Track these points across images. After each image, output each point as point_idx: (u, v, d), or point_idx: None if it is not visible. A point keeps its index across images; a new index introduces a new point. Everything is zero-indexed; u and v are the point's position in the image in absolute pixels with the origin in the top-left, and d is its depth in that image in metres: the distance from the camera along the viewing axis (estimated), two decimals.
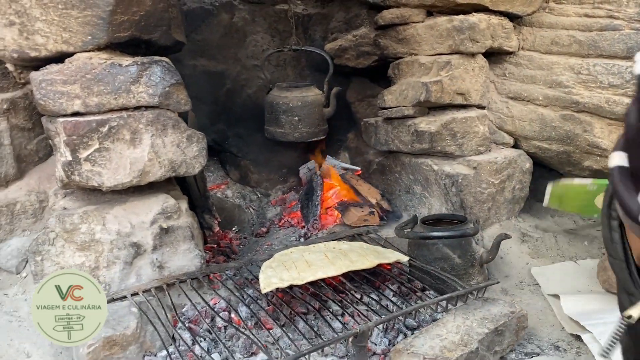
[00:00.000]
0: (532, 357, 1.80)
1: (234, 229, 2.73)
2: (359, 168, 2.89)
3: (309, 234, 2.59)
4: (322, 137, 2.79)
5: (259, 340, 1.69)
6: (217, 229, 2.53)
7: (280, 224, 2.84)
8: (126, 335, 1.68)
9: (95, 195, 2.05)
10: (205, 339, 1.81)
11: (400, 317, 1.75)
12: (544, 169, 2.67)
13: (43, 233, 1.93)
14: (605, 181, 2.16)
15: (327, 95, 2.74)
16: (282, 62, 3.00)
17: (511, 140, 2.56)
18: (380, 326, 1.79)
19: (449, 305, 1.84)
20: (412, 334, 1.80)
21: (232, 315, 1.91)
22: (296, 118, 2.65)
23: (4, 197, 2.06)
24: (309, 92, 2.70)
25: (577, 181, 2.19)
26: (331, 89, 2.75)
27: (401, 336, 1.84)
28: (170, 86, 1.95)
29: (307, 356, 1.53)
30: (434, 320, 1.88)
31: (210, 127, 2.83)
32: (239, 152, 3.01)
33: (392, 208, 2.59)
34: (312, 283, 1.87)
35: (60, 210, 1.98)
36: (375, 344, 1.78)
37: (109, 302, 1.79)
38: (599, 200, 2.06)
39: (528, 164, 2.50)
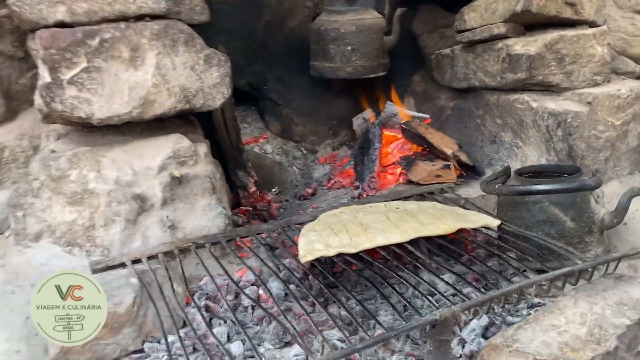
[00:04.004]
0: None
1: (273, 190, 2.37)
2: (427, 116, 2.39)
3: (365, 196, 2.10)
4: (382, 74, 2.34)
5: (295, 327, 1.22)
6: (253, 189, 2.19)
7: (329, 185, 2.43)
8: (118, 314, 1.31)
9: (94, 136, 1.69)
10: (225, 322, 1.41)
11: (498, 300, 1.22)
12: None
13: (25, 182, 1.57)
14: None
15: (388, 18, 2.24)
16: None
17: (637, 69, 2.03)
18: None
19: (566, 284, 1.30)
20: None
21: (261, 292, 1.47)
22: (349, 48, 2.21)
23: None
24: (366, 14, 2.26)
25: None
26: (394, 10, 2.23)
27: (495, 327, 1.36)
28: None
29: (361, 353, 1.04)
30: (530, 307, 1.47)
31: (245, 68, 2.48)
32: (280, 99, 2.63)
33: (472, 162, 2.06)
34: (368, 252, 1.44)
35: (46, 153, 1.59)
36: (466, 341, 1.27)
37: (102, 270, 1.45)
38: None
39: None
